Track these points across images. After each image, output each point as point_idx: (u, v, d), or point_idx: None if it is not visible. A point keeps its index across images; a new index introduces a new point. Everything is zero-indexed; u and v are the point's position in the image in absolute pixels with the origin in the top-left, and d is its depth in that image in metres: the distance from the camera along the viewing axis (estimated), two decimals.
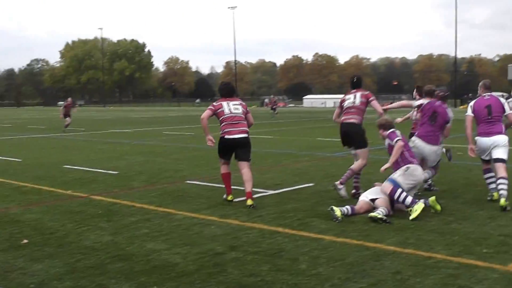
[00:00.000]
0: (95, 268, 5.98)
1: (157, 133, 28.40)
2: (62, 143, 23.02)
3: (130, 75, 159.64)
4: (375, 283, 5.40)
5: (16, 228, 7.85)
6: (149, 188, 11.04)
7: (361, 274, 5.66)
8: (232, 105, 9.58)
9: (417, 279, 5.50)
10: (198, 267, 5.96)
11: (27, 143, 23.48)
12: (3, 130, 32.86)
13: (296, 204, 9.21)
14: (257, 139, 22.46)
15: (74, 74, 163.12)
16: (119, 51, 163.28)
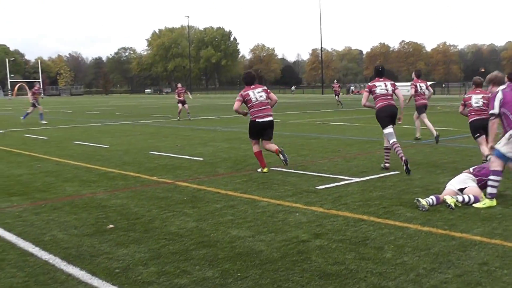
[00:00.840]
0: (179, 254, 5.95)
1: (243, 120, 28.39)
2: (148, 130, 23.41)
3: (217, 62, 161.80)
4: (461, 274, 5.19)
5: (102, 213, 7.96)
6: (234, 175, 11.02)
7: (447, 264, 5.47)
8: (257, 93, 11.25)
9: (505, 270, 5.28)
10: (282, 255, 5.85)
11: (114, 130, 24.01)
12: (91, 117, 33.82)
13: (381, 192, 8.99)
14: (342, 127, 22.28)
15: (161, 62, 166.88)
16: (206, 38, 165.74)
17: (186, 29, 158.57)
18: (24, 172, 12.08)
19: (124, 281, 5.20)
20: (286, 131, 21.00)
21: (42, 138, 20.52)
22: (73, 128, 25.36)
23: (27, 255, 6.12)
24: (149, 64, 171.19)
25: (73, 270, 5.56)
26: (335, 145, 15.79)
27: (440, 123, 17.63)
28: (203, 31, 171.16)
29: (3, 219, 7.77)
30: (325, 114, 33.04)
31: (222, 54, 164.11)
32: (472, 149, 14.05)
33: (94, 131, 23.43)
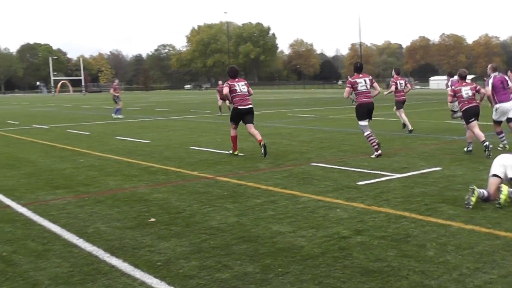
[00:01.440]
0: (220, 249, 5.98)
1: (282, 115, 28.50)
2: (188, 125, 23.56)
3: (255, 58, 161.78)
4: (506, 274, 5.08)
5: (144, 207, 8.05)
6: (275, 170, 11.02)
7: (491, 264, 5.35)
8: (241, 86, 13.35)
9: None
10: (323, 251, 5.83)
11: (155, 125, 24.25)
12: (132, 113, 34.17)
13: (423, 189, 8.89)
14: (383, 122, 22.03)
15: (200, 58, 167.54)
16: (244, 34, 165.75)
17: (224, 25, 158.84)
18: (68, 166, 12.30)
19: (166, 274, 5.25)
20: (326, 126, 20.93)
21: (85, 133, 20.84)
22: (115, 124, 25.66)
23: (71, 246, 6.24)
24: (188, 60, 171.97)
25: (116, 261, 5.64)
26: None
27: (484, 118, 17.17)
28: (242, 26, 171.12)
29: (48, 211, 7.94)
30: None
31: (261, 49, 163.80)
32: None
33: (135, 127, 23.68)
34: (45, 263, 5.66)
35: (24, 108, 50.60)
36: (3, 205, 8.58)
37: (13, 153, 15.11)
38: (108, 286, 4.99)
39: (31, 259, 5.83)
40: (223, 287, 4.91)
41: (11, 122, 28.95)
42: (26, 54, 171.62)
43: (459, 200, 7.96)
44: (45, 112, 41.28)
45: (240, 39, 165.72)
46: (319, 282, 4.95)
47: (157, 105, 47.28)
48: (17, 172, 11.65)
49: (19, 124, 27.65)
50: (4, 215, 7.87)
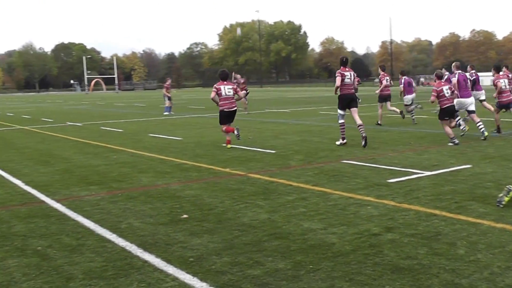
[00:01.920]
0: (252, 245, 6.01)
1: (313, 113, 28.42)
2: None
3: (287, 56, 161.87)
4: None
5: (176, 203, 8.12)
6: (306, 167, 11.02)
7: None
8: (227, 89, 14.73)
9: None
10: (354, 248, 5.83)
11: (187, 123, 24.38)
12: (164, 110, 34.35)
13: (453, 186, 8.82)
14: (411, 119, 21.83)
15: (232, 56, 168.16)
16: (276, 32, 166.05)
17: (256, 23, 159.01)
18: (101, 162, 12.47)
19: (198, 270, 5.29)
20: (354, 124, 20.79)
21: (118, 130, 21.08)
22: (147, 121, 25.89)
23: (105, 241, 6.33)
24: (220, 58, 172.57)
25: (148, 257, 5.70)
26: (406, 138, 15.60)
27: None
28: (273, 25, 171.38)
29: (82, 207, 8.07)
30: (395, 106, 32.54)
31: (292, 47, 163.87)
32: None
33: (167, 124, 23.84)
34: (79, 258, 5.75)
35: (58, 106, 51.36)
36: (38, 200, 8.73)
37: (48, 150, 15.38)
38: (141, 281, 5.05)
39: (65, 253, 5.93)
40: (254, 283, 4.93)
41: (45, 120, 29.43)
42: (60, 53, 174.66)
43: (489, 198, 7.90)
44: (79, 110, 41.82)
45: (271, 37, 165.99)
46: (350, 279, 4.94)
47: (189, 103, 47.50)
48: (52, 169, 11.86)
49: (53, 121, 28.09)
50: (39, 210, 8.01)
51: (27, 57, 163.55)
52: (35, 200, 8.74)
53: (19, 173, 11.37)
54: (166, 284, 4.96)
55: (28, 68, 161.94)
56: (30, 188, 9.70)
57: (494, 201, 7.60)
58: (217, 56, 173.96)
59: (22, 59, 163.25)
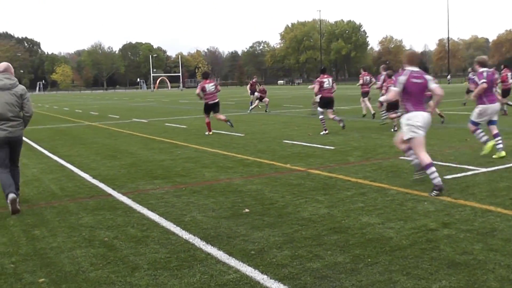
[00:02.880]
0: (312, 239, 6.10)
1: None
2: (281, 120, 23.76)
3: (346, 54, 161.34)
4: None
5: (238, 198, 8.29)
6: (364, 163, 11.06)
7: None
8: (210, 86, 18.34)
9: None
10: (411, 243, 5.88)
11: (249, 119, 24.58)
12: (227, 107, 34.70)
13: (508, 183, 8.74)
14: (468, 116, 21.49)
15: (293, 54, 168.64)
16: (336, 31, 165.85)
17: (317, 22, 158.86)
18: (166, 157, 12.77)
19: (259, 262, 5.41)
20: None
21: (182, 126, 21.47)
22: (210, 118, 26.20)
23: (169, 233, 6.53)
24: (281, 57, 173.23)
25: (211, 249, 5.86)
26: (462, 135, 15.38)
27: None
28: (334, 24, 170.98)
29: (147, 200, 8.33)
30: (451, 104, 32.00)
31: (352, 46, 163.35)
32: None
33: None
34: (144, 249, 5.95)
35: (125, 103, 52.38)
36: (105, 193, 9.04)
37: (114, 145, 15.81)
38: (204, 272, 5.19)
39: (131, 244, 6.15)
40: (314, 276, 5.02)
41: (112, 116, 30.15)
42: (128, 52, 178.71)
43: None
44: (144, 106, 42.58)
45: (332, 36, 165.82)
46: (407, 273, 4.99)
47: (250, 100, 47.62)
48: (118, 163, 12.22)
49: (120, 118, 28.76)
50: (106, 203, 8.31)
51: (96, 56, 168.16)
52: (102, 193, 9.04)
53: (87, 167, 11.76)
54: (228, 276, 5.09)
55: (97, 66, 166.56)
56: (97, 182, 10.03)
57: None
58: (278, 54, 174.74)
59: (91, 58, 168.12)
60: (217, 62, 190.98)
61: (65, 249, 6.06)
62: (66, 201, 8.54)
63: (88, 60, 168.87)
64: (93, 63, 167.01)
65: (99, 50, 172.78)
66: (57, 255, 5.87)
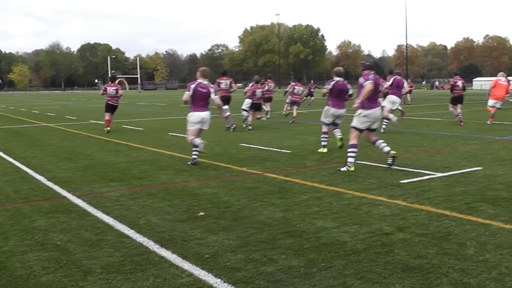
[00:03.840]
0: (266, 243, 6.11)
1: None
2: (238, 123, 23.71)
3: (305, 58, 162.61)
4: None
5: (194, 201, 8.26)
6: (321, 167, 11.14)
7: None
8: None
9: None
10: (366, 247, 5.93)
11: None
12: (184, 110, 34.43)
13: (464, 188, 8.91)
14: (427, 121, 21.96)
15: (252, 58, 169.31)
16: (295, 35, 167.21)
17: (276, 26, 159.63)
18: (122, 160, 12.67)
19: (213, 266, 5.40)
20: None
21: (139, 129, 21.33)
22: (168, 120, 26.11)
23: (123, 236, 6.48)
24: (240, 60, 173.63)
25: (165, 253, 5.83)
26: (419, 140, 15.70)
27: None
28: (293, 28, 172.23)
29: (103, 203, 8.24)
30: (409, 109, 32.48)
31: (310, 50, 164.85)
32: None
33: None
34: (97, 252, 5.89)
35: (82, 104, 51.74)
36: (59, 196, 8.91)
37: (71, 147, 15.60)
38: (157, 276, 5.16)
39: (85, 248, 6.07)
40: (268, 280, 5.02)
41: (69, 117, 29.76)
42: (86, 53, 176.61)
43: (499, 199, 8.00)
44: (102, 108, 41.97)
45: (290, 40, 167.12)
46: (361, 277, 5.03)
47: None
48: (74, 165, 12.06)
49: (77, 119, 28.42)
50: (60, 205, 8.18)
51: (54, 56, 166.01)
52: (57, 196, 8.92)
53: (42, 169, 11.58)
54: (181, 279, 5.07)
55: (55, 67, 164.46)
56: (52, 184, 9.89)
57: (504, 203, 7.73)
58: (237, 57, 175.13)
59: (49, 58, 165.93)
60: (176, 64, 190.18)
61: (16, 253, 5.95)
62: (20, 203, 8.38)
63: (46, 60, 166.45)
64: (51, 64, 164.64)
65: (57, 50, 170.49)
66: (8, 259, 5.75)
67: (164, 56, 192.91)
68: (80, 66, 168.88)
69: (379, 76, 11.86)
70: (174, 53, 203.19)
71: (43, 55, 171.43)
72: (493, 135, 16.75)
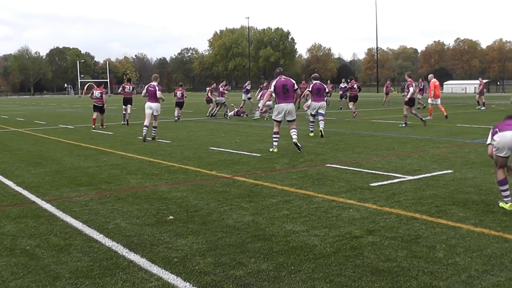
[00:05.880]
0: (235, 247, 6.12)
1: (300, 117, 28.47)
2: (208, 127, 23.77)
3: (275, 61, 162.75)
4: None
5: (163, 205, 8.24)
6: (290, 171, 11.16)
7: (499, 267, 5.41)
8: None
9: None
10: (336, 250, 5.95)
11: (177, 126, 24.47)
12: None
13: (434, 191, 8.99)
14: (396, 125, 22.23)
15: (222, 62, 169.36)
16: (265, 39, 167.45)
17: (246, 29, 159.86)
18: (91, 164, 12.58)
19: (182, 270, 5.39)
20: (342, 129, 21.04)
21: (108, 133, 21.17)
22: (137, 124, 25.91)
23: (92, 241, 6.43)
24: (210, 64, 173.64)
25: (134, 257, 5.81)
26: (390, 143, 15.81)
27: (495, 122, 17.72)
28: (262, 31, 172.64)
29: (71, 208, 8.18)
30: (381, 112, 32.80)
31: (281, 53, 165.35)
32: None
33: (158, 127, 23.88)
34: (66, 257, 5.85)
35: (52, 109, 51.22)
36: (28, 201, 8.82)
37: (40, 152, 15.45)
38: (125, 280, 5.14)
39: (53, 253, 6.03)
40: (237, 283, 5.03)
41: (38, 122, 29.47)
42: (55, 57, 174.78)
43: (469, 203, 8.08)
44: (71, 112, 41.83)
45: (260, 43, 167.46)
46: (330, 281, 5.05)
47: None
48: (43, 170, 11.95)
49: (46, 124, 28.13)
50: (29, 210, 8.10)
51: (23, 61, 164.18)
52: (26, 201, 8.82)
53: (11, 174, 11.46)
54: (150, 284, 5.05)
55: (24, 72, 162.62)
56: (21, 189, 9.79)
57: (474, 206, 7.80)
58: (207, 61, 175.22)
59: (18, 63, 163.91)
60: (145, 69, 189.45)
61: None
62: None
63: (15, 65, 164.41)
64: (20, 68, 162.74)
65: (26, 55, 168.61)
66: None
67: (133, 60, 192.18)
68: (49, 70, 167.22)
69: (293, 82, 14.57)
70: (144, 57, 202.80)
71: (12, 60, 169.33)
72: (464, 138, 16.94)
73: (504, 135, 7.57)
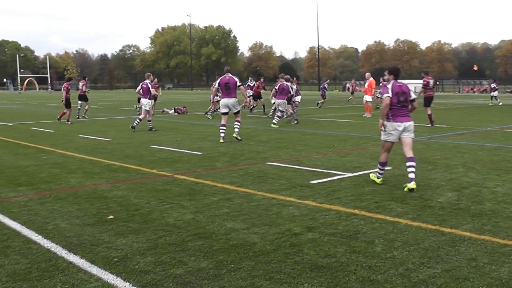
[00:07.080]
0: (176, 245, 6.15)
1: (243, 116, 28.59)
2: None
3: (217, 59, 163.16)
4: (450, 269, 5.31)
5: (103, 204, 8.19)
6: (231, 169, 11.23)
7: (436, 259, 5.59)
8: None
9: (493, 266, 5.38)
10: (275, 247, 6.03)
11: (118, 124, 24.26)
12: (95, 111, 34.00)
13: (373, 187, 9.21)
14: (337, 123, 22.55)
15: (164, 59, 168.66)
16: (207, 36, 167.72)
17: (187, 27, 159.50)
18: (31, 163, 12.35)
19: (122, 270, 5.38)
20: (283, 127, 21.18)
21: (49, 131, 20.81)
22: (79, 122, 25.61)
23: (30, 243, 6.33)
24: (152, 61, 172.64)
25: (73, 258, 5.76)
26: (330, 141, 16.08)
27: (435, 120, 18.33)
28: (204, 29, 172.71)
29: (10, 208, 8.02)
30: (321, 111, 33.22)
31: (222, 51, 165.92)
32: (464, 146, 14.42)
33: (98, 125, 23.66)
34: (3, 260, 5.73)
35: None
36: None
37: None
38: (65, 282, 5.09)
39: None
40: (177, 282, 5.05)
41: None
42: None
43: (407, 198, 8.32)
44: (11, 109, 40.86)
45: (202, 41, 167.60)
46: (269, 278, 5.11)
47: (120, 104, 47.06)
48: None
49: None
50: None
51: None
52: None
53: None
54: (89, 284, 5.02)
55: None
56: None
57: (412, 201, 8.04)
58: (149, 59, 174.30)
59: None
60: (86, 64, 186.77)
61: None
62: None
63: None
64: None
65: None
66: None
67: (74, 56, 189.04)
68: None
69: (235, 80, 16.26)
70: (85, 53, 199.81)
71: None
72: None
73: None
